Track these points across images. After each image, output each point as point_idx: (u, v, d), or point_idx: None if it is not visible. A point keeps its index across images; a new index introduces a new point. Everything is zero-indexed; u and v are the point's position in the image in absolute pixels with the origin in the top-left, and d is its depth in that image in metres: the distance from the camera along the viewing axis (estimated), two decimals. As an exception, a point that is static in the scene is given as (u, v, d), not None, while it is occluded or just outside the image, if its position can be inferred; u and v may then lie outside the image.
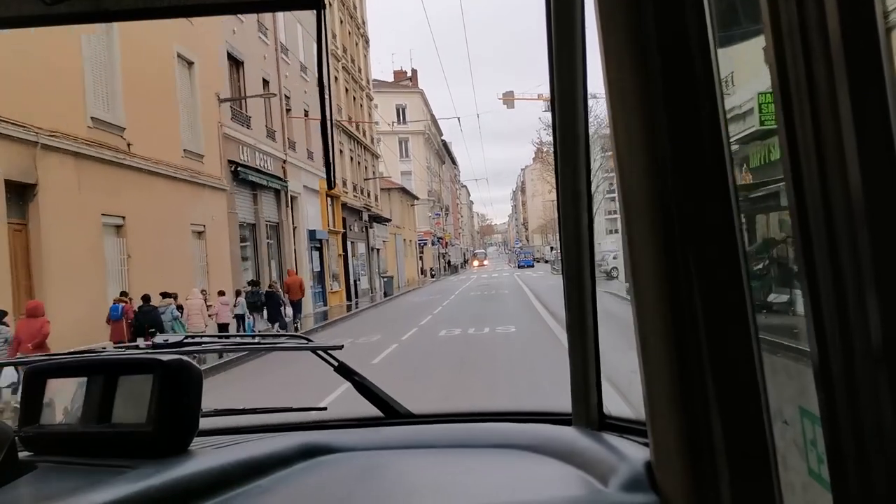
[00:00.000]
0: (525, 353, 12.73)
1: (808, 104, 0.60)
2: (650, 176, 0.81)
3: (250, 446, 1.32)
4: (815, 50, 0.59)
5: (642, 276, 0.84)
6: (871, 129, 0.58)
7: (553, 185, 1.37)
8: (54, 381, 1.33)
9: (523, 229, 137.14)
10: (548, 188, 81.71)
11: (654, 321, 0.84)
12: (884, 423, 0.59)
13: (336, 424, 1.59)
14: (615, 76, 0.83)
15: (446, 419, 1.55)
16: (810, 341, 0.63)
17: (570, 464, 1.17)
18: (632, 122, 0.82)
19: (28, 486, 1.13)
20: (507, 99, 48.33)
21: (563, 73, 1.19)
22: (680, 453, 0.85)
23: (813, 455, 0.85)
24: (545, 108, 48.81)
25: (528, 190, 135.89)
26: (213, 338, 1.82)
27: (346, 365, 1.62)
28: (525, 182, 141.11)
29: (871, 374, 0.59)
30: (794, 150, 0.62)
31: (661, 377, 0.85)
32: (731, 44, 0.96)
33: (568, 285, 1.29)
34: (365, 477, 1.26)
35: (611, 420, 1.29)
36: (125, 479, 1.05)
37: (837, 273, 0.60)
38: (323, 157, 1.12)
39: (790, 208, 0.63)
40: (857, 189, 0.58)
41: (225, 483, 1.13)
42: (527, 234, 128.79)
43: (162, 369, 1.21)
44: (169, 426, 1.20)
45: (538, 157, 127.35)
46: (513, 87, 62.10)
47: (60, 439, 1.27)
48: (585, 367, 1.29)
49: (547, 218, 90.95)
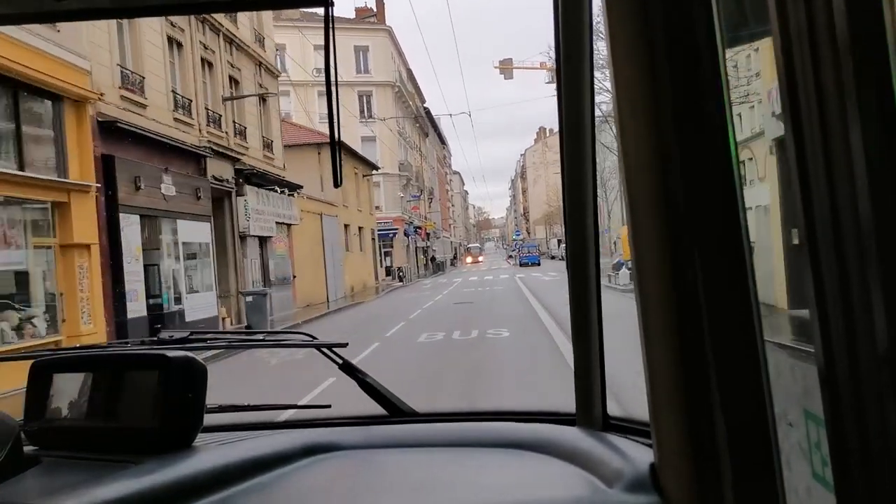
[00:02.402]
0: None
1: (815, 105, 0.60)
2: (656, 174, 0.81)
3: (255, 443, 1.33)
4: (823, 50, 0.59)
5: (647, 276, 0.85)
6: (879, 131, 0.57)
7: (560, 165, 1.28)
8: (60, 375, 1.33)
9: (523, 221, 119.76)
10: (552, 171, 66.68)
11: (658, 322, 0.84)
12: (888, 425, 0.58)
13: (340, 422, 1.60)
14: (623, 72, 0.83)
15: (450, 418, 1.56)
16: (815, 343, 0.63)
17: (574, 464, 1.17)
18: (638, 118, 0.82)
19: (33, 480, 1.14)
20: (505, 67, 43.15)
21: (571, 70, 1.18)
22: (684, 454, 0.86)
23: (817, 458, 0.83)
24: (548, 78, 46.21)
25: (530, 175, 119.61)
26: (218, 334, 1.78)
27: (351, 362, 1.62)
28: (526, 167, 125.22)
29: (876, 376, 0.59)
30: (801, 152, 0.62)
31: (666, 378, 0.85)
32: (739, 42, 0.95)
33: (573, 285, 1.29)
34: (368, 475, 1.27)
35: (615, 421, 1.29)
36: (130, 475, 1.07)
37: (843, 275, 0.60)
38: (330, 155, 1.15)
39: (798, 210, 0.63)
40: (864, 191, 0.58)
41: (229, 479, 1.14)
42: (527, 225, 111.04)
43: (167, 365, 1.23)
44: (174, 422, 1.22)
45: (540, 136, 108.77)
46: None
47: (65, 434, 1.29)
48: (589, 368, 1.29)
49: (553, 205, 74.53)
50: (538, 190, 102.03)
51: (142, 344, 1.62)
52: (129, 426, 1.23)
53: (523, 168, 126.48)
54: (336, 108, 1.02)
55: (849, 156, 0.58)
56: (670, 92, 0.79)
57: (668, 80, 0.79)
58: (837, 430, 0.62)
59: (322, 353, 1.62)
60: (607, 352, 1.28)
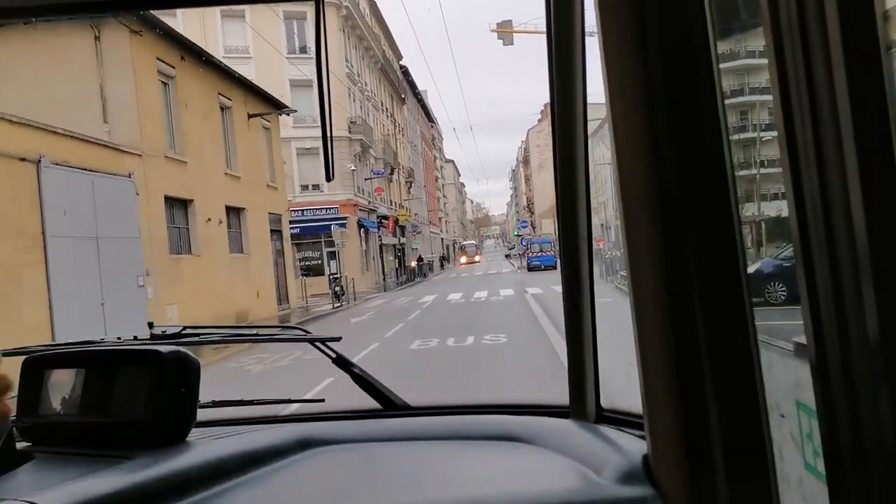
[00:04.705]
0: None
1: (807, 102, 0.61)
2: (649, 171, 0.82)
3: (248, 437, 1.33)
4: (815, 47, 0.60)
5: (640, 271, 0.85)
6: (870, 126, 0.58)
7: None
8: (53, 371, 1.33)
9: (528, 214, 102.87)
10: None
11: (652, 315, 0.85)
12: (880, 416, 0.60)
13: (334, 416, 1.60)
14: (615, 72, 0.84)
15: (444, 411, 1.55)
16: (807, 335, 0.64)
17: (568, 456, 1.17)
18: (631, 117, 0.83)
19: (26, 475, 1.13)
20: (503, 31, 37.27)
21: (563, 70, 1.18)
22: (677, 446, 0.86)
23: (809, 448, 0.84)
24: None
25: (534, 160, 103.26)
26: (210, 329, 1.73)
27: (344, 356, 1.61)
28: (529, 150, 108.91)
29: (868, 367, 0.60)
30: (792, 147, 0.63)
31: (659, 370, 0.86)
32: (732, 38, 0.93)
33: (566, 278, 1.28)
34: (362, 468, 1.27)
35: (608, 413, 1.29)
36: (123, 470, 1.07)
37: (835, 267, 0.61)
38: (322, 151, 1.15)
39: (789, 204, 0.64)
40: (855, 185, 0.59)
41: (222, 474, 1.14)
42: (532, 219, 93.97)
43: (160, 360, 1.22)
44: (167, 417, 1.21)
45: (546, 113, 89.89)
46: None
47: (58, 429, 1.28)
48: (583, 360, 1.29)
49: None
50: (544, 178, 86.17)
51: (135, 339, 1.59)
52: (122, 421, 1.23)
53: (526, 152, 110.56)
54: (328, 104, 1.01)
55: (840, 150, 0.59)
56: (663, 90, 0.80)
57: (661, 78, 0.80)
58: (830, 421, 0.63)
59: (316, 347, 1.61)
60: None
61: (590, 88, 1.15)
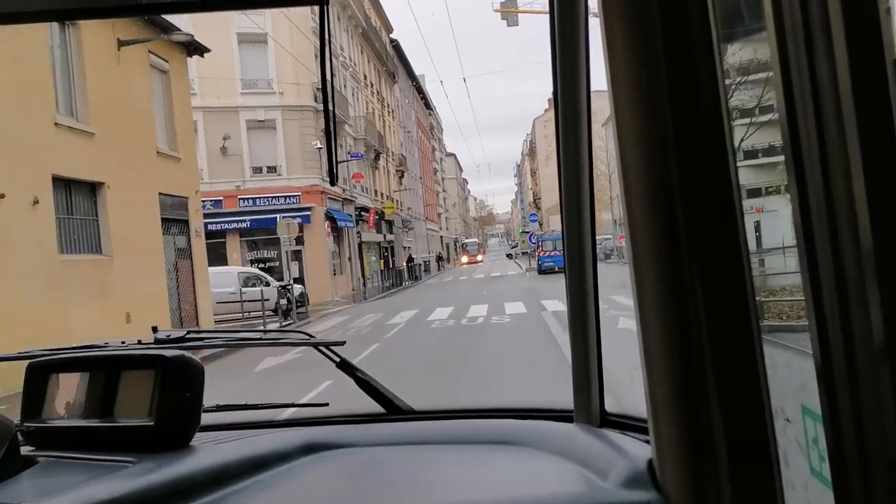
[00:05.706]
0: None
1: (811, 101, 0.61)
2: (653, 170, 0.82)
3: (252, 442, 1.32)
4: (818, 46, 0.60)
5: (644, 272, 0.85)
6: (874, 126, 0.58)
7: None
8: (57, 375, 1.32)
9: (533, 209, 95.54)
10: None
11: (656, 319, 0.84)
12: (885, 421, 0.59)
13: (338, 420, 1.60)
14: (619, 70, 0.84)
15: (448, 416, 1.55)
16: (812, 338, 0.64)
17: (572, 460, 1.17)
18: (634, 113, 0.82)
19: (30, 480, 1.13)
20: (507, 10, 30.91)
21: (566, 68, 1.17)
22: (681, 451, 0.86)
23: (814, 453, 0.83)
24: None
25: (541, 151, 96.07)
26: (214, 333, 1.76)
27: (348, 361, 1.61)
28: (535, 141, 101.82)
29: (873, 371, 0.59)
30: (796, 147, 0.63)
31: (663, 374, 0.85)
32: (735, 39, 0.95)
33: (570, 281, 1.28)
34: (366, 473, 1.26)
35: (612, 417, 1.29)
36: (127, 475, 1.06)
37: (839, 269, 0.61)
38: (326, 153, 0.95)
39: (793, 204, 0.64)
40: (860, 185, 0.58)
41: (227, 478, 1.13)
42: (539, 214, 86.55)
43: (164, 364, 1.22)
44: (171, 421, 1.21)
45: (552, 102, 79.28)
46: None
47: (62, 434, 1.28)
48: (587, 364, 1.28)
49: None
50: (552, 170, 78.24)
51: (139, 343, 1.58)
52: (126, 426, 1.22)
53: (532, 144, 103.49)
54: (331, 105, 1.00)
55: (844, 149, 0.58)
56: (667, 89, 0.80)
57: (665, 77, 0.80)
58: (835, 426, 0.63)
59: (320, 351, 1.62)
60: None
61: (598, 76, 0.97)
